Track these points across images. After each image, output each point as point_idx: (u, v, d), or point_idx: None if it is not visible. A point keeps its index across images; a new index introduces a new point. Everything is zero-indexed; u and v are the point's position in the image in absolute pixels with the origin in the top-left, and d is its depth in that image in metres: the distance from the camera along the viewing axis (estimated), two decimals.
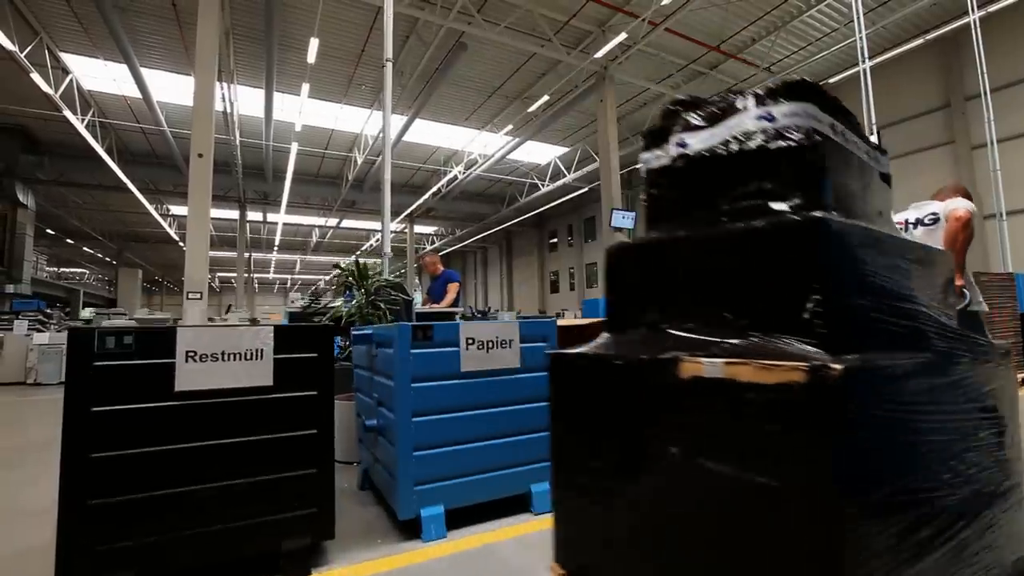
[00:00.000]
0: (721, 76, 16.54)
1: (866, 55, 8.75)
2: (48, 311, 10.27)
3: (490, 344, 2.04)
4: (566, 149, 23.26)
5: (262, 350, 1.56)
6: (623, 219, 13.68)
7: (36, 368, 7.79)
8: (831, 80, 15.67)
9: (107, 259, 39.71)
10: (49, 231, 30.07)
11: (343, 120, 19.86)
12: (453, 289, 4.90)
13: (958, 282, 2.99)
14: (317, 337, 1.69)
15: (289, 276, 57.94)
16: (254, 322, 9.91)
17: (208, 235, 9.44)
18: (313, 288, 15.33)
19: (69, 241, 33.58)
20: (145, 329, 1.49)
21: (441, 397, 1.99)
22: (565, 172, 23.70)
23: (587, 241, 31.39)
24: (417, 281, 33.53)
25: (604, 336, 1.67)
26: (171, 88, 16.67)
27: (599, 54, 13.24)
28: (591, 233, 31.16)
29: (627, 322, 1.66)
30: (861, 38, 8.78)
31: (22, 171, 20.68)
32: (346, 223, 33.48)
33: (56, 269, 44.72)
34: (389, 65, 3.86)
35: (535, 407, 2.13)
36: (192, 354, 1.49)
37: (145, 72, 15.22)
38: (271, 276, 56.71)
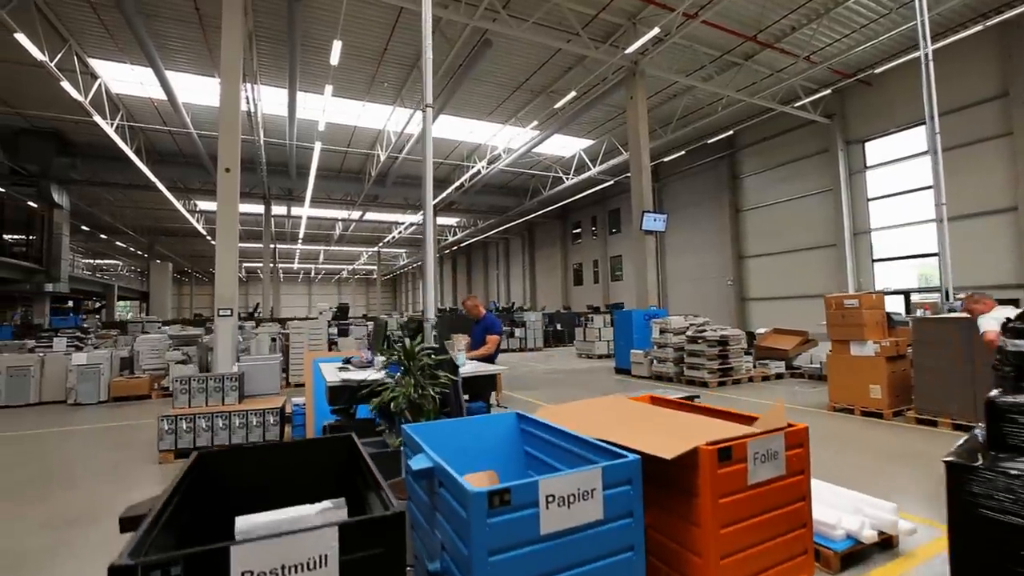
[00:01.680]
0: (756, 66, 15.75)
1: (928, 39, 8.03)
2: (85, 326, 10.45)
3: (571, 498, 1.80)
4: (591, 142, 22.67)
5: (326, 555, 1.36)
6: (654, 222, 13.23)
7: (76, 388, 7.92)
8: (876, 70, 14.78)
9: (139, 252, 40.72)
10: (83, 227, 30.84)
11: (365, 117, 19.68)
12: (493, 342, 4.69)
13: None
14: (386, 530, 1.47)
15: (313, 265, 58.69)
16: (284, 339, 9.90)
17: (236, 251, 9.41)
18: (336, 307, 15.15)
19: (103, 236, 34.45)
20: (193, 553, 1.29)
21: (519, 568, 1.76)
22: (590, 165, 23.13)
23: (612, 233, 30.80)
24: (436, 280, 33.51)
25: None
26: (196, 89, 16.71)
27: (630, 49, 12.68)
28: (615, 225, 30.56)
29: None
30: (923, 22, 8.05)
31: (56, 172, 21.12)
32: (369, 215, 33.52)
33: (92, 260, 46.08)
34: (430, 110, 3.58)
35: (619, 560, 1.89)
36: (249, 574, 1.29)
37: (170, 75, 15.24)
38: (295, 266, 57.51)
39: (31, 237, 22.19)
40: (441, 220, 36.36)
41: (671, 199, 25.66)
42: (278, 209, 30.64)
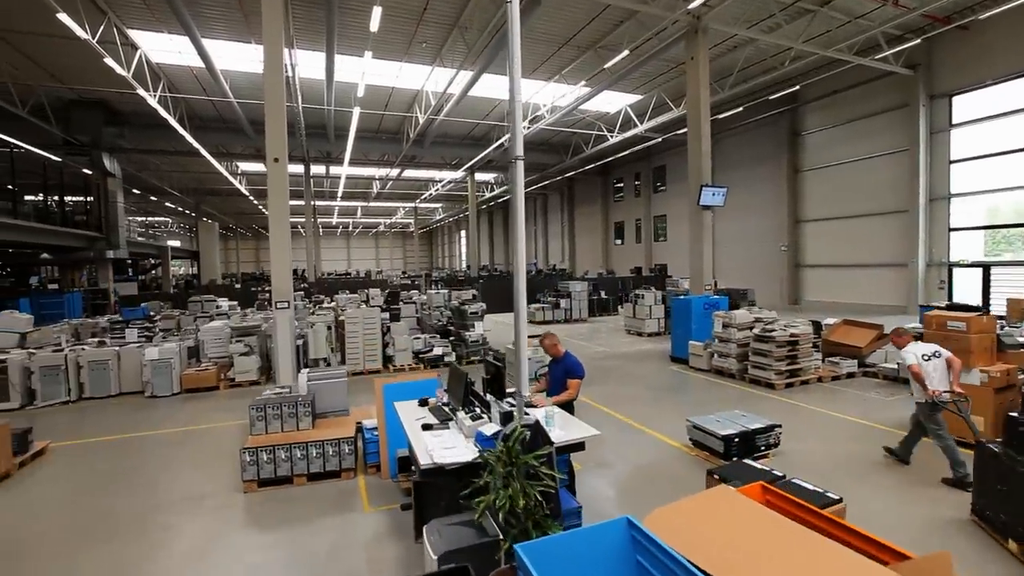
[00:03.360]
0: (833, 13, 14.08)
1: None
2: (153, 314, 10.84)
3: None
4: (639, 97, 21.28)
5: None
6: (713, 196, 12.41)
7: (151, 382, 8.30)
8: (981, 15, 13.00)
9: (186, 212, 41.93)
10: (135, 191, 31.78)
11: (404, 77, 18.98)
12: (575, 387, 4.48)
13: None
14: None
15: (351, 220, 59.30)
16: (339, 327, 9.99)
17: (290, 245, 9.38)
18: (387, 293, 15.03)
19: (152, 199, 35.50)
20: None
21: None
22: (636, 121, 21.84)
23: (656, 191, 29.51)
24: (476, 235, 33.19)
25: None
26: (232, 56, 16.43)
27: (693, 4, 11.47)
28: (660, 182, 29.21)
29: None
30: None
31: (106, 142, 21.51)
32: (407, 173, 33.17)
33: (144, 218, 47.87)
34: (518, 61, 3.20)
35: None
36: None
37: (207, 42, 14.93)
38: (334, 221, 58.25)
39: (89, 207, 23.02)
40: (478, 176, 35.65)
41: (722, 157, 24.11)
42: (317, 168, 30.61)
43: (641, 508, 4.27)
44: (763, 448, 5.25)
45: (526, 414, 3.62)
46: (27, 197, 20.41)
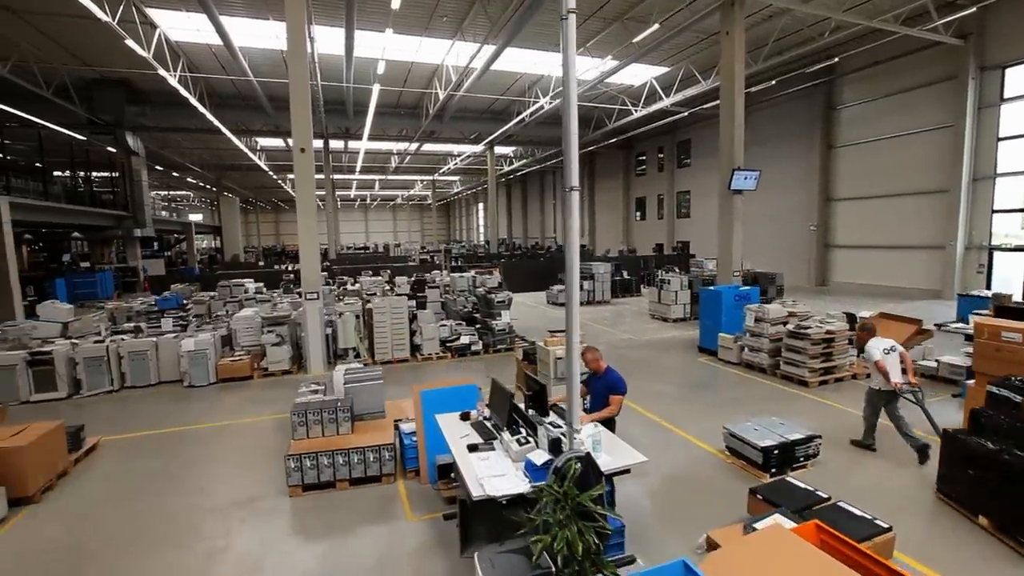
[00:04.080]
0: None
1: None
2: (186, 302, 11.06)
3: None
4: (665, 69, 20.49)
5: None
6: (745, 180, 12.00)
7: (188, 372, 8.52)
8: None
9: (207, 187, 42.27)
10: (157, 167, 32.06)
11: (423, 52, 18.53)
12: (616, 403, 4.43)
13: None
14: None
15: (368, 192, 59.20)
16: (367, 316, 10.07)
17: (317, 235, 9.40)
18: (414, 281, 14.67)
19: (175, 174, 35.80)
20: None
21: None
22: (662, 95, 21.10)
23: (680, 166, 28.74)
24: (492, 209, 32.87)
25: None
26: (250, 33, 16.23)
27: None
28: (685, 156, 28.41)
29: None
30: None
31: (129, 121, 21.59)
32: (426, 147, 32.80)
33: (167, 192, 48.43)
34: (572, 17, 3.07)
35: None
36: None
37: (224, 20, 14.71)
38: (352, 194, 58.24)
39: (116, 188, 23.32)
40: (497, 149, 35.11)
41: (751, 132, 23.03)
42: (335, 143, 30.44)
43: (684, 525, 4.31)
44: (802, 459, 5.20)
45: (575, 435, 3.60)
46: (55, 173, 20.72)
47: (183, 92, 17.57)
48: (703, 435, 6.21)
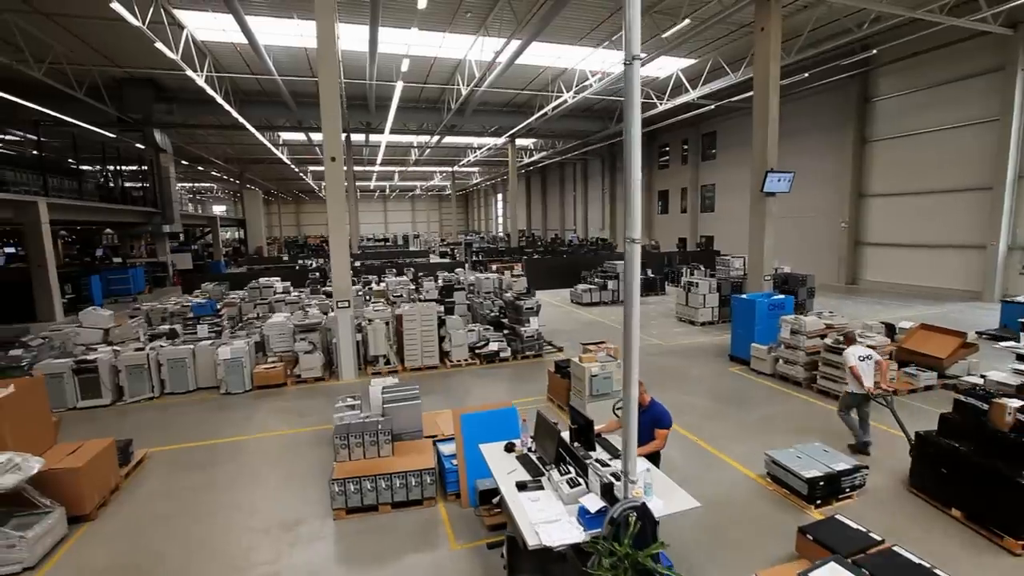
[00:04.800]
0: None
1: None
2: (219, 309, 11.28)
3: None
4: (692, 61, 19.97)
5: None
6: (779, 182, 11.69)
7: (225, 379, 8.71)
8: None
9: (230, 179, 42.86)
10: (183, 161, 32.57)
11: (446, 47, 18.38)
12: (662, 438, 4.38)
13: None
14: None
15: (388, 183, 59.42)
16: (397, 323, 10.13)
17: (347, 247, 9.45)
18: (441, 287, 14.52)
19: (200, 168, 36.36)
20: None
21: None
22: (688, 87, 20.59)
23: (705, 159, 28.17)
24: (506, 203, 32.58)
25: None
26: (274, 32, 16.32)
27: None
28: (710, 149, 27.81)
29: None
30: None
31: (156, 118, 21.92)
32: (446, 139, 32.71)
33: (191, 184, 49.27)
34: (637, 63, 2.93)
35: None
36: None
37: (250, 19, 14.79)
38: (372, 185, 58.52)
39: (145, 184, 23.75)
40: (517, 142, 34.85)
41: (779, 124, 22.64)
42: (356, 137, 30.52)
43: (729, 559, 4.28)
44: (848, 490, 5.10)
45: (626, 478, 3.57)
46: (85, 168, 21.20)
47: (209, 91, 17.77)
48: (742, 457, 6.13)
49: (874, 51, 16.63)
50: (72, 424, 7.53)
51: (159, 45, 13.66)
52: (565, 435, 4.63)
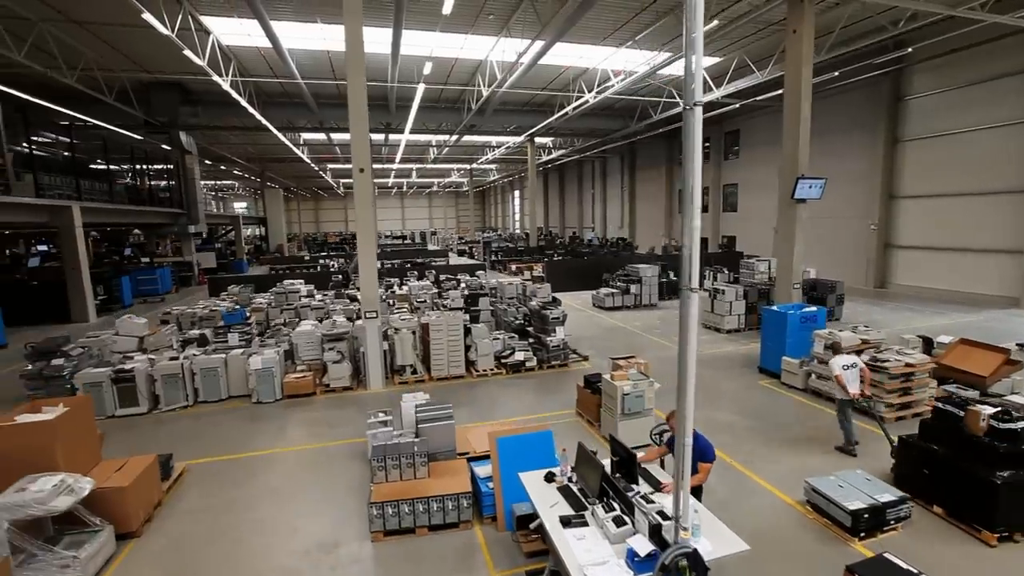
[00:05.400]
0: None
1: None
2: (249, 317, 11.46)
3: None
4: (717, 59, 19.62)
5: None
6: (810, 189, 11.43)
7: (256, 389, 8.86)
8: None
9: (251, 177, 43.46)
10: (206, 161, 33.10)
11: (468, 48, 18.33)
12: (705, 471, 4.34)
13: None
14: None
15: (405, 180, 59.67)
16: (424, 332, 10.15)
17: (375, 256, 9.50)
18: (467, 295, 14.51)
19: (222, 167, 36.91)
20: None
21: None
22: (712, 85, 20.22)
23: (727, 158, 27.71)
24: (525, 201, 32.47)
25: None
26: (297, 35, 16.48)
27: None
28: (733, 148, 27.35)
29: None
30: None
31: (182, 121, 22.27)
32: (465, 138, 32.70)
33: (213, 182, 50.08)
34: (699, 109, 2.88)
35: None
36: None
37: (274, 24, 14.92)
38: (390, 182, 58.82)
39: (170, 181, 24.20)
40: (536, 139, 34.68)
41: None
42: (376, 136, 30.66)
43: None
44: (892, 522, 4.99)
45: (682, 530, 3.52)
46: (113, 168, 21.68)
47: (234, 95, 17.99)
48: (779, 480, 6.04)
49: (909, 49, 16.12)
50: (111, 432, 7.71)
51: (188, 53, 13.85)
52: (605, 462, 4.61)
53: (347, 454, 7.00)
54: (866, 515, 4.85)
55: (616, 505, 3.88)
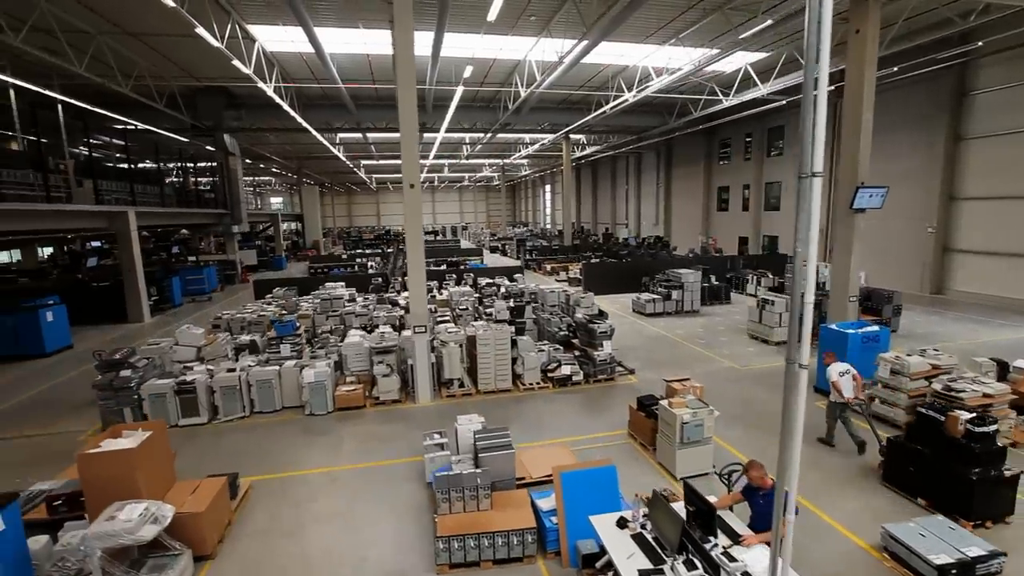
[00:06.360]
0: None
1: None
2: (298, 327, 11.70)
3: None
4: (763, 55, 18.91)
5: None
6: (870, 198, 10.89)
7: (309, 401, 9.06)
8: None
9: (287, 174, 44.40)
10: (247, 160, 33.96)
11: (507, 49, 18.20)
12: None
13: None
14: None
15: (436, 175, 60.01)
16: (471, 345, 10.15)
17: (424, 272, 9.55)
18: (512, 307, 14.46)
19: (262, 166, 37.82)
20: None
21: None
22: (757, 81, 19.52)
23: (770, 155, 26.77)
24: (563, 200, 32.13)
25: None
26: (338, 40, 16.64)
27: None
28: (776, 144, 26.40)
29: None
30: None
31: (226, 124, 22.85)
32: (499, 135, 32.59)
33: (251, 178, 51.42)
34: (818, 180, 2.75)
35: None
36: None
37: (317, 30, 15.09)
38: (422, 177, 59.25)
39: (215, 179, 24.91)
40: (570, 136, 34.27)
41: None
42: None
43: None
44: None
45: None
46: (160, 165, 22.46)
47: (277, 99, 18.35)
48: (848, 520, 5.82)
49: (980, 43, 15.15)
50: (175, 442, 7.94)
51: (236, 63, 14.16)
52: (678, 505, 4.52)
53: (403, 475, 7.07)
54: (954, 571, 4.61)
55: (697, 563, 3.79)
